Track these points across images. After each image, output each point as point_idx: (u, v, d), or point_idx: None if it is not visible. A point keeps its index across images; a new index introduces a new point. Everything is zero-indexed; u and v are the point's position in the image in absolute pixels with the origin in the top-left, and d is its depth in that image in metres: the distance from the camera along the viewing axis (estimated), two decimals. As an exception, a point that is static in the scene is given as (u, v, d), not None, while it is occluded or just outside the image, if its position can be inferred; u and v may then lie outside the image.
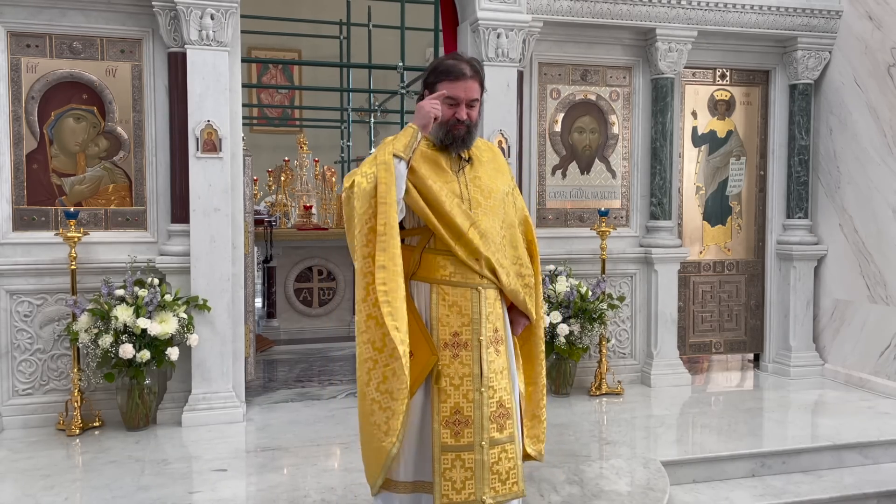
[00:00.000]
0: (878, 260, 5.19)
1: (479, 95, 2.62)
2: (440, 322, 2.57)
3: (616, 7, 5.05)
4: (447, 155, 2.64)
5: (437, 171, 2.59)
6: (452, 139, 2.60)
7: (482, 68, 2.66)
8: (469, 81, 2.57)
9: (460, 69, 2.57)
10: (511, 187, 2.78)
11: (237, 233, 4.48)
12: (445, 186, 2.56)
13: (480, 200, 2.62)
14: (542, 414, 2.85)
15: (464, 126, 2.59)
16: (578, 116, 5.34)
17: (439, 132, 2.62)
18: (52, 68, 4.36)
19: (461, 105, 2.57)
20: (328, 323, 7.39)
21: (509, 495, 2.58)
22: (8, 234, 4.33)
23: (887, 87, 5.08)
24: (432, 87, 2.62)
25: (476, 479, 2.52)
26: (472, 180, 2.64)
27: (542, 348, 2.85)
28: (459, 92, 2.56)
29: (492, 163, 2.74)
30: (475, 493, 2.52)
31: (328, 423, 4.46)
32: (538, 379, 2.84)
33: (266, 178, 9.08)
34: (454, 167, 2.64)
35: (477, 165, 2.69)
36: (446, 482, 2.52)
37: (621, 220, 5.44)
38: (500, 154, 2.87)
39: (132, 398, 4.24)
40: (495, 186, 2.68)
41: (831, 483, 3.93)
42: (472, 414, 2.54)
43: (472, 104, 2.59)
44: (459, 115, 2.57)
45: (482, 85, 2.63)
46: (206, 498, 3.34)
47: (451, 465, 2.52)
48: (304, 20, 10.66)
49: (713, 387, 5.47)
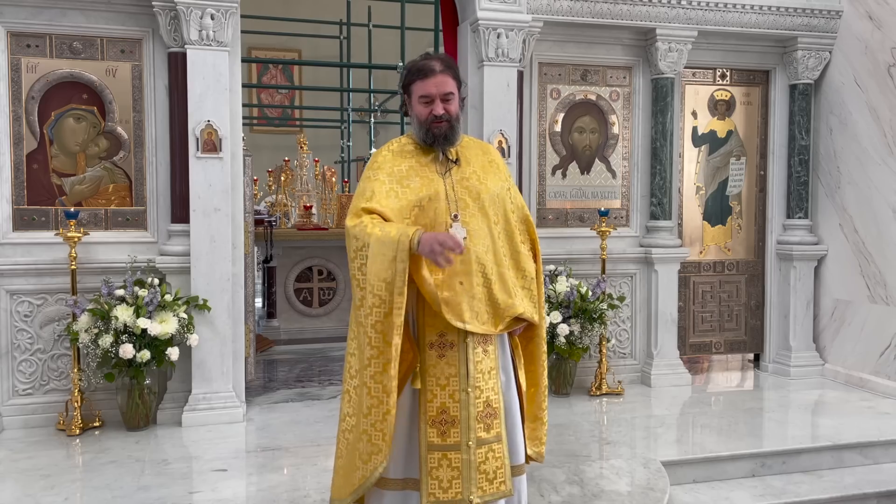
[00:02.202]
0: (878, 260, 5.19)
1: (456, 89, 2.61)
2: (426, 322, 2.56)
3: (616, 7, 5.05)
4: (434, 156, 2.64)
5: (418, 173, 2.59)
6: (434, 137, 2.60)
7: (454, 63, 2.67)
8: (440, 76, 2.57)
9: (430, 66, 2.57)
10: (507, 187, 2.73)
11: (237, 233, 4.48)
12: (422, 190, 2.56)
13: (468, 202, 2.60)
14: (543, 416, 2.83)
15: (444, 122, 2.58)
16: (578, 116, 5.34)
17: (420, 132, 2.62)
18: (52, 68, 4.36)
19: (436, 100, 2.57)
20: (328, 323, 7.39)
21: (497, 494, 2.58)
22: (8, 234, 4.33)
23: (887, 87, 5.08)
24: (408, 90, 2.64)
25: (463, 478, 2.54)
26: (460, 181, 2.62)
27: (545, 349, 2.82)
28: (431, 88, 2.56)
29: (482, 162, 2.71)
30: (462, 492, 2.53)
31: (328, 423, 4.46)
32: (540, 381, 2.82)
33: (266, 178, 9.08)
34: (440, 169, 2.63)
35: (464, 166, 2.66)
36: (433, 481, 2.54)
37: (621, 220, 5.44)
38: (494, 152, 2.82)
39: (132, 398, 4.24)
40: (485, 186, 2.64)
41: (831, 483, 3.93)
42: (458, 414, 2.54)
43: (448, 98, 2.58)
44: (436, 111, 2.57)
45: (457, 79, 2.62)
46: (206, 498, 3.34)
47: (438, 465, 2.54)
48: (304, 20, 10.68)
49: (713, 387, 5.47)
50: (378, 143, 11.80)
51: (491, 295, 2.57)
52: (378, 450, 2.48)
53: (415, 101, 2.61)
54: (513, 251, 2.68)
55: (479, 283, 2.55)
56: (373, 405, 2.48)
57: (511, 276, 2.65)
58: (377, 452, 2.48)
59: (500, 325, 2.60)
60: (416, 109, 2.61)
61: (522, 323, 2.70)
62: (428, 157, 2.64)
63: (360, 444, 2.53)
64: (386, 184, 2.58)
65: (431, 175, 2.61)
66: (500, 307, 2.58)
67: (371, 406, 2.48)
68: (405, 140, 2.72)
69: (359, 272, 2.52)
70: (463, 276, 2.53)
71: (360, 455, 2.52)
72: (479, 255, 2.55)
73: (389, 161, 2.64)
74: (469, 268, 2.53)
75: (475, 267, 2.54)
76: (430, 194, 2.57)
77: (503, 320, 2.59)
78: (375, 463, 2.49)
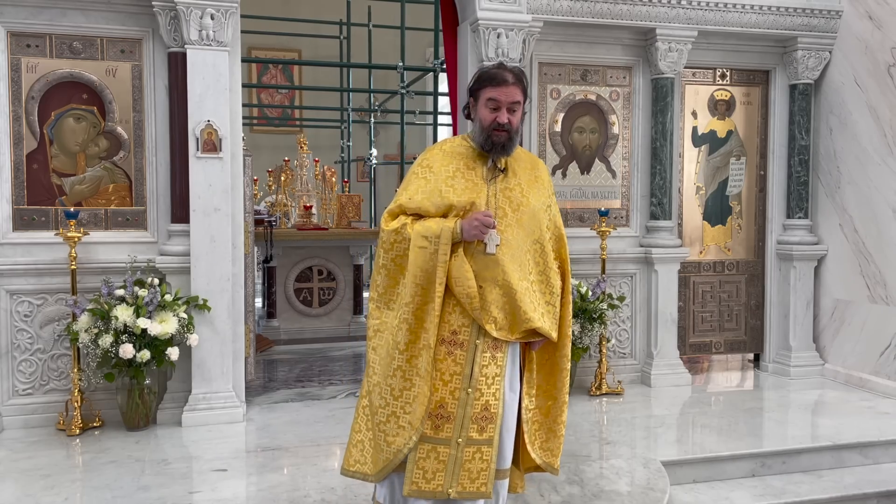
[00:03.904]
0: (878, 260, 5.19)
1: (522, 101, 2.67)
2: (443, 318, 2.61)
3: (616, 7, 5.05)
4: (483, 161, 2.70)
5: (465, 176, 2.66)
6: (492, 145, 2.66)
7: (526, 77, 2.74)
8: (511, 87, 2.64)
9: (503, 76, 2.65)
10: (548, 204, 2.78)
11: (237, 233, 4.48)
12: (465, 193, 2.63)
13: (508, 211, 2.66)
14: (559, 429, 2.84)
15: (504, 132, 2.64)
16: (578, 116, 5.34)
17: (480, 137, 2.68)
18: (52, 68, 4.36)
19: (502, 109, 2.63)
20: (328, 323, 7.40)
21: (475, 494, 2.63)
22: (8, 234, 4.33)
23: (887, 87, 5.08)
24: (476, 94, 2.70)
25: (447, 472, 2.61)
26: (503, 190, 2.69)
27: (566, 367, 2.83)
28: (500, 95, 2.63)
29: (529, 176, 2.76)
30: (443, 485, 2.61)
31: (328, 423, 4.46)
32: (559, 395, 2.84)
33: (266, 178, 9.08)
34: (487, 176, 2.69)
35: (511, 176, 2.72)
36: (419, 470, 2.62)
37: (621, 220, 5.44)
38: (543, 168, 2.87)
39: (132, 398, 4.24)
40: (527, 200, 2.70)
41: (831, 483, 3.93)
42: (454, 411, 2.61)
43: (513, 108, 2.65)
44: (500, 119, 2.62)
45: (525, 93, 2.69)
46: (206, 498, 3.34)
47: (427, 456, 2.62)
48: (304, 20, 10.67)
49: (713, 387, 5.47)
50: (378, 143, 11.82)
51: (514, 304, 2.62)
52: (403, 431, 2.61)
53: (481, 105, 2.67)
54: (544, 266, 2.73)
55: (502, 291, 2.61)
56: (404, 387, 2.61)
57: (536, 290, 2.70)
58: (401, 434, 2.62)
59: (516, 334, 2.65)
60: (482, 113, 2.67)
61: (541, 338, 2.73)
62: (478, 161, 2.71)
63: (388, 425, 2.63)
64: (431, 182, 2.66)
65: (477, 180, 2.68)
66: (519, 317, 2.63)
67: (403, 388, 2.61)
68: (459, 140, 2.78)
69: (392, 262, 2.66)
70: (486, 282, 2.60)
71: (386, 436, 2.63)
72: (506, 265, 2.61)
73: (440, 160, 2.70)
74: (495, 274, 2.60)
75: (500, 276, 2.60)
76: (473, 199, 2.63)
77: (520, 330, 2.65)
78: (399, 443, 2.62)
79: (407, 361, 2.60)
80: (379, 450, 2.65)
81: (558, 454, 2.86)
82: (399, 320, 2.61)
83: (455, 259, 2.59)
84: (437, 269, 2.55)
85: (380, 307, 2.71)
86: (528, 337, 2.69)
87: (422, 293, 2.58)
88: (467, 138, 2.76)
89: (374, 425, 2.67)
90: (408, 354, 2.60)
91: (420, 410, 2.57)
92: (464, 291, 2.58)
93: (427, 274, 2.57)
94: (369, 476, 2.71)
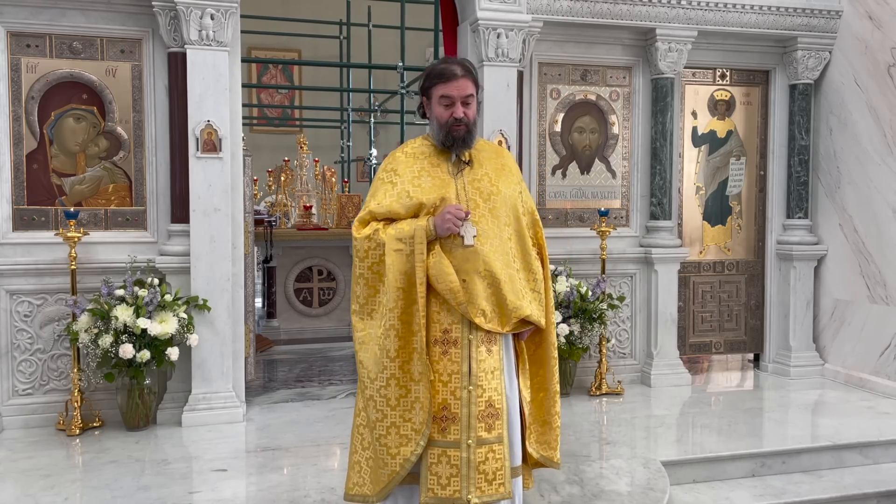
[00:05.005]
0: (878, 260, 5.19)
1: (475, 93, 2.66)
2: (431, 319, 2.60)
3: (616, 7, 5.05)
4: (447, 157, 2.68)
5: (431, 174, 2.64)
6: (453, 140, 2.65)
7: (474, 68, 2.72)
8: (461, 80, 2.62)
9: (451, 70, 2.63)
10: (519, 190, 2.77)
11: (237, 233, 4.48)
12: (433, 191, 2.61)
13: (479, 202, 2.64)
14: (553, 420, 2.83)
15: (463, 126, 2.63)
16: (578, 116, 5.34)
17: (440, 134, 2.66)
18: (52, 68, 4.36)
19: (456, 103, 2.62)
20: (328, 323, 7.39)
21: (496, 496, 2.59)
22: (8, 234, 4.33)
23: (887, 87, 5.08)
24: (428, 93, 2.68)
25: (461, 476, 2.56)
26: (472, 182, 2.67)
27: (554, 354, 2.82)
28: (452, 91, 2.61)
29: (495, 165, 2.75)
30: (460, 490, 2.55)
31: (328, 423, 4.46)
32: (550, 385, 2.83)
33: (266, 178, 9.08)
34: (453, 170, 2.68)
35: (477, 167, 2.70)
36: (432, 476, 2.57)
37: (621, 220, 5.44)
38: (508, 155, 2.86)
39: (132, 398, 4.24)
40: (497, 189, 2.68)
41: (831, 483, 3.93)
42: (458, 411, 2.57)
43: (468, 101, 2.63)
44: (456, 114, 2.61)
45: (476, 84, 2.67)
46: (206, 498, 3.34)
47: (437, 461, 2.57)
48: (304, 20, 10.67)
49: (713, 387, 5.47)
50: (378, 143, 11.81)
51: (499, 295, 2.60)
52: (408, 440, 2.56)
53: (435, 104, 2.66)
54: (523, 253, 2.72)
55: (486, 282, 2.59)
56: (401, 395, 2.57)
57: (521, 278, 2.68)
58: (406, 443, 2.57)
59: (507, 326, 2.63)
60: (437, 111, 2.65)
61: (530, 326, 2.72)
62: (442, 158, 2.69)
63: (388, 437, 2.58)
64: (398, 185, 2.64)
65: (444, 176, 2.66)
66: (507, 307, 2.61)
67: (399, 396, 2.57)
68: (420, 141, 2.77)
69: (368, 271, 2.62)
70: (469, 275, 2.57)
71: (389, 449, 2.58)
72: (486, 255, 2.59)
73: (403, 162, 2.69)
74: (476, 266, 2.58)
75: (482, 266, 2.58)
76: (443, 195, 2.61)
77: (510, 321, 2.63)
78: (406, 452, 2.57)
79: (399, 368, 2.56)
80: (381, 465, 2.59)
81: (556, 447, 2.84)
82: (385, 328, 2.57)
83: (432, 256, 2.56)
84: (416, 270, 2.53)
85: (363, 318, 2.67)
86: (518, 328, 2.67)
87: (404, 297, 2.55)
88: (427, 138, 2.76)
89: (374, 440, 2.62)
90: (399, 361, 2.56)
91: (422, 415, 2.54)
92: (446, 287, 2.55)
93: (407, 276, 2.55)
94: (369, 497, 2.65)
